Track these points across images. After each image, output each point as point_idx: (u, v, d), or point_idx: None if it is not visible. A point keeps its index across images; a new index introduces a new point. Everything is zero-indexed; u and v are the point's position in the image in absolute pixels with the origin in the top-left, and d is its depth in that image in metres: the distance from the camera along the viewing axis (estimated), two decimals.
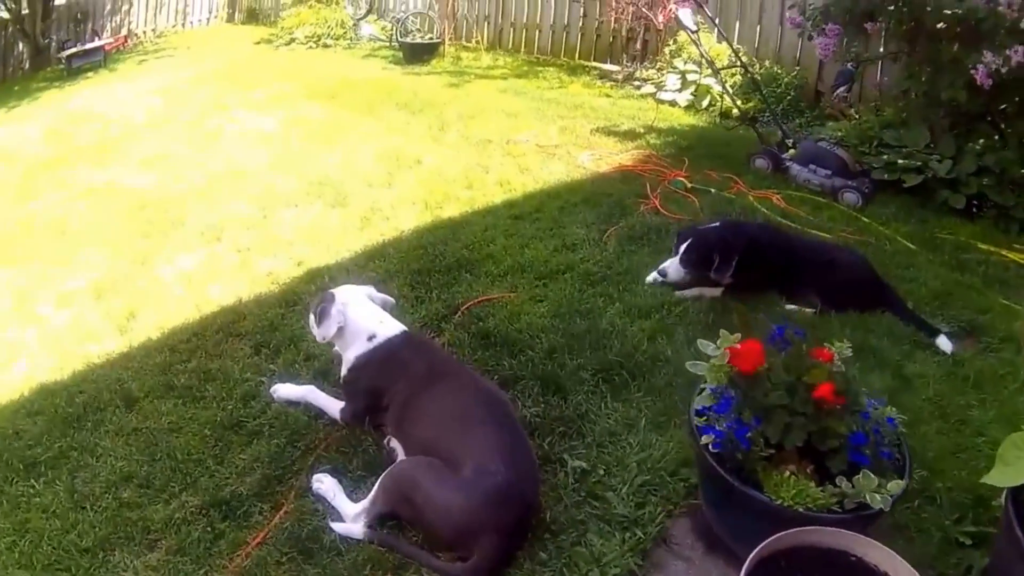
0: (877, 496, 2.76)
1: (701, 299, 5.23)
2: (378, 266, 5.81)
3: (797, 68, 10.17)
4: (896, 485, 2.83)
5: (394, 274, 5.62)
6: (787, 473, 2.89)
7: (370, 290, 4.22)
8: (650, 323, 4.90)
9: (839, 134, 8.22)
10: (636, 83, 11.19)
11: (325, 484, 3.58)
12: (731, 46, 9.26)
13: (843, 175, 7.30)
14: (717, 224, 5.43)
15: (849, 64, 9.09)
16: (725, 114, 9.51)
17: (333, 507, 3.51)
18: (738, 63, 8.97)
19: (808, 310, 5.14)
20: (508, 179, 7.49)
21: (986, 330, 5.09)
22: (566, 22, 13.63)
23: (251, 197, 7.53)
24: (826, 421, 2.90)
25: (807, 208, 6.78)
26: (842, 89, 9.03)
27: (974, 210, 7.02)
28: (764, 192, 7.06)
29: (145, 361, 4.90)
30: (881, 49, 8.51)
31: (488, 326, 4.90)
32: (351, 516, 3.40)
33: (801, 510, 2.81)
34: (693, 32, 8.86)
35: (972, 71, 6.51)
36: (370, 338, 3.95)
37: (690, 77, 9.98)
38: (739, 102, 8.85)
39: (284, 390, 4.28)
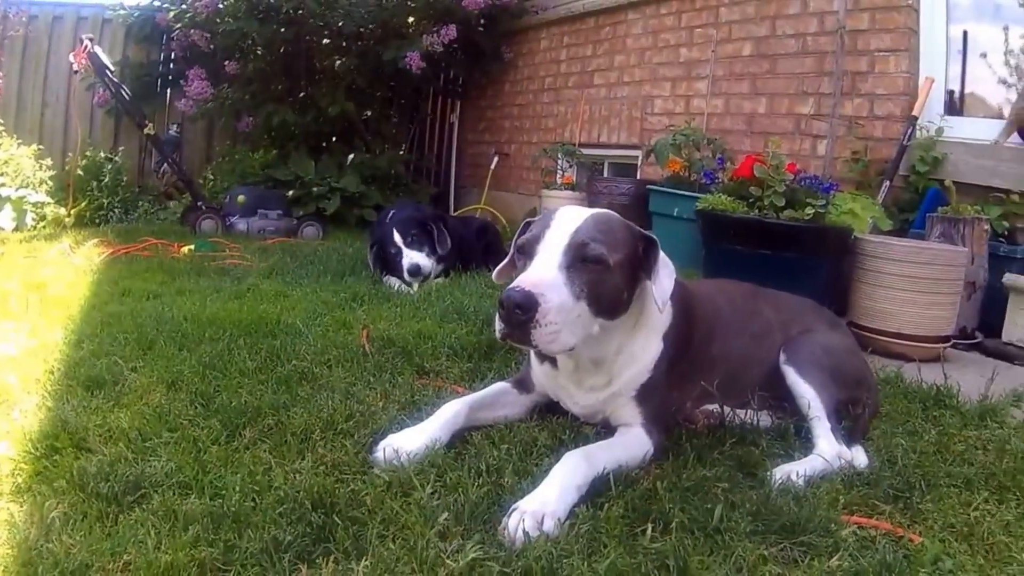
0: None
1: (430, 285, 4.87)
2: None
3: (121, 149, 9.02)
4: None
5: None
6: None
7: None
8: None
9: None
10: None
11: None
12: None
13: (289, 212, 7.38)
14: (397, 209, 5.32)
15: (172, 131, 8.89)
16: (58, 221, 7.74)
17: None
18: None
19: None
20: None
21: None
22: None
23: None
24: None
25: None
26: (173, 156, 8.51)
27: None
28: (272, 240, 6.66)
29: None
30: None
31: None
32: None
33: None
34: (111, 71, 7.45)
35: (405, 59, 7.84)
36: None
37: (3, 192, 7.44)
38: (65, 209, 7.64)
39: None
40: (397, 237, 4.88)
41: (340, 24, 8.31)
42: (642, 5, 7.32)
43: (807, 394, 2.44)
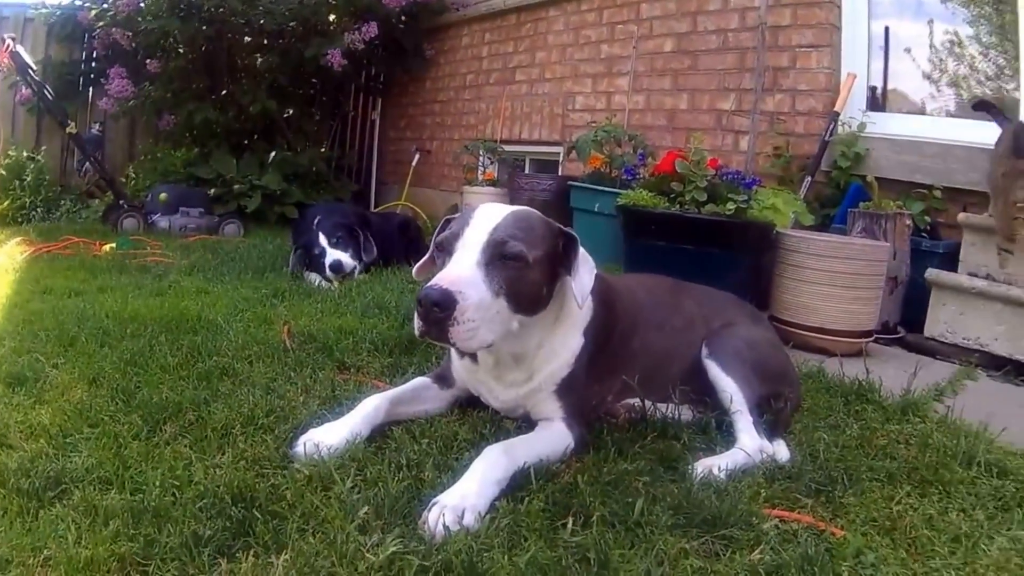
0: None
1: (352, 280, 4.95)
2: None
3: (43, 148, 8.88)
4: None
5: None
6: None
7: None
8: None
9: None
10: None
11: None
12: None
13: (211, 210, 7.32)
14: (323, 214, 5.30)
15: (94, 129, 8.86)
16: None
17: None
18: None
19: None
20: None
21: None
22: None
23: None
24: None
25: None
26: (96, 155, 8.38)
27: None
28: (193, 237, 6.65)
29: None
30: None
31: None
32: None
33: None
34: (34, 70, 7.43)
35: (326, 56, 7.98)
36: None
37: None
38: None
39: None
40: (322, 239, 4.95)
41: (261, 22, 8.30)
42: (563, 2, 7.40)
43: (729, 388, 2.49)
